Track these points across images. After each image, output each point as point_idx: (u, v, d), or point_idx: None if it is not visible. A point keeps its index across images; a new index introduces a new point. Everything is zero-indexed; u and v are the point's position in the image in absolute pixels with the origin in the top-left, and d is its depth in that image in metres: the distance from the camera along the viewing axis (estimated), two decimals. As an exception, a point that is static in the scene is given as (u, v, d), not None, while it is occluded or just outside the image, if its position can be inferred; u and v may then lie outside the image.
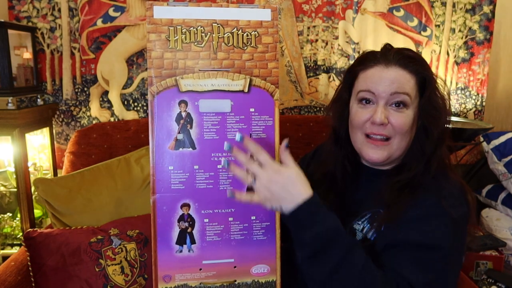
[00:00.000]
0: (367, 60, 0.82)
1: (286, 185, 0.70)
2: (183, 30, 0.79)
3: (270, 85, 0.83)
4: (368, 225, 0.80)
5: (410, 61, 0.79)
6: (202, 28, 0.80)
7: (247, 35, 0.82)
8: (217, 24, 0.80)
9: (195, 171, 0.80)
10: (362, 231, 0.80)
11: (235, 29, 0.81)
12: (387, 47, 0.83)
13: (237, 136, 0.75)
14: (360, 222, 0.81)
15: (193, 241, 0.81)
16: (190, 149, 0.80)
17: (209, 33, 0.80)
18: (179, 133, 0.79)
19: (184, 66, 0.79)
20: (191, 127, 0.80)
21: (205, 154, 0.80)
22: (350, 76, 0.86)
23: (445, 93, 0.82)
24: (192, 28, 0.79)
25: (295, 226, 0.71)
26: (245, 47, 0.82)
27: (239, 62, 0.81)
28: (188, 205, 0.80)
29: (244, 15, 0.81)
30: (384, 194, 0.79)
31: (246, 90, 0.82)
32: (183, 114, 0.79)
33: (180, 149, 0.79)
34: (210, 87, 0.80)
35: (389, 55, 0.80)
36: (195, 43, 0.80)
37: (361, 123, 0.82)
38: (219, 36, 0.80)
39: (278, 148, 0.84)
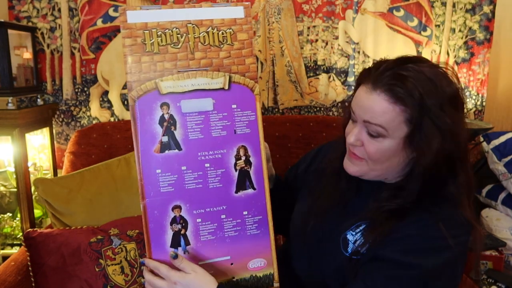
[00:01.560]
0: (366, 73, 0.78)
1: None
2: (159, 33, 0.79)
3: (249, 80, 0.84)
4: (361, 237, 0.79)
5: (403, 91, 0.70)
6: (177, 29, 0.80)
7: (223, 33, 0.82)
8: (192, 25, 0.80)
9: (183, 172, 0.80)
10: (354, 243, 0.79)
11: (210, 28, 0.81)
12: (388, 66, 0.75)
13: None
14: (354, 233, 0.80)
15: (187, 243, 0.80)
16: (176, 150, 0.79)
17: (184, 34, 0.80)
18: (163, 135, 0.79)
19: (162, 68, 0.79)
20: (175, 129, 0.79)
21: (192, 154, 0.80)
22: (357, 84, 0.83)
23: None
24: (167, 30, 0.79)
25: None
26: (222, 45, 0.82)
27: (216, 60, 0.82)
28: (179, 207, 0.80)
29: (217, 13, 0.82)
30: (380, 210, 0.78)
31: (226, 87, 0.82)
32: (166, 116, 0.79)
33: (166, 151, 0.79)
34: (190, 87, 0.80)
35: (381, 78, 0.73)
36: (172, 45, 0.80)
37: (346, 137, 0.83)
38: (195, 36, 0.81)
39: (263, 143, 0.85)
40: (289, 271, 0.91)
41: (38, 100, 1.77)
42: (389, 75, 0.72)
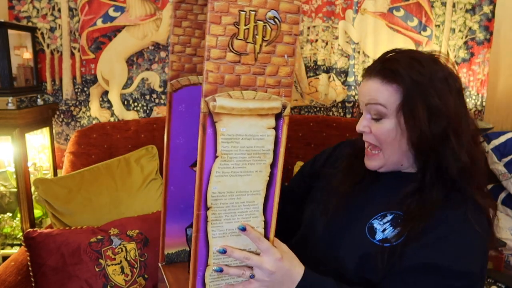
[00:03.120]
0: (363, 72, 0.87)
1: (289, 269, 0.70)
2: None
3: None
4: (391, 227, 0.79)
5: (391, 72, 0.78)
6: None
7: None
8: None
9: None
10: (383, 232, 0.79)
11: None
12: (380, 57, 0.84)
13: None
14: (381, 223, 0.80)
15: None
16: None
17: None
18: None
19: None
20: None
21: None
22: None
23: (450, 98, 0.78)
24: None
25: None
26: None
27: None
28: None
29: None
30: (404, 200, 0.79)
31: None
32: None
33: None
34: None
35: (374, 66, 0.82)
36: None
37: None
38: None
39: None
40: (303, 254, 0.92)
41: (38, 100, 1.77)
42: (377, 63, 0.82)
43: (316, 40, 1.82)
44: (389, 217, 0.80)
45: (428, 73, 0.77)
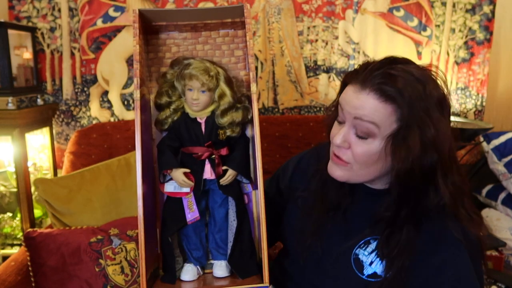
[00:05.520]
0: (355, 73, 0.74)
1: None
2: None
3: None
4: (377, 258, 0.74)
5: (394, 91, 0.67)
6: None
7: None
8: None
9: None
10: (371, 265, 0.75)
11: None
12: (378, 65, 0.71)
13: None
14: (366, 253, 0.76)
15: None
16: None
17: None
18: None
19: None
20: None
21: None
22: (343, 84, 0.78)
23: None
24: None
25: None
26: None
27: None
28: None
29: None
30: (384, 222, 0.74)
31: None
32: None
33: None
34: None
35: (372, 76, 0.69)
36: None
37: (332, 139, 0.77)
38: None
39: None
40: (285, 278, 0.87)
41: (38, 100, 1.77)
42: (377, 75, 0.69)
43: (316, 40, 1.82)
44: (373, 245, 0.75)
45: (428, 96, 0.68)
